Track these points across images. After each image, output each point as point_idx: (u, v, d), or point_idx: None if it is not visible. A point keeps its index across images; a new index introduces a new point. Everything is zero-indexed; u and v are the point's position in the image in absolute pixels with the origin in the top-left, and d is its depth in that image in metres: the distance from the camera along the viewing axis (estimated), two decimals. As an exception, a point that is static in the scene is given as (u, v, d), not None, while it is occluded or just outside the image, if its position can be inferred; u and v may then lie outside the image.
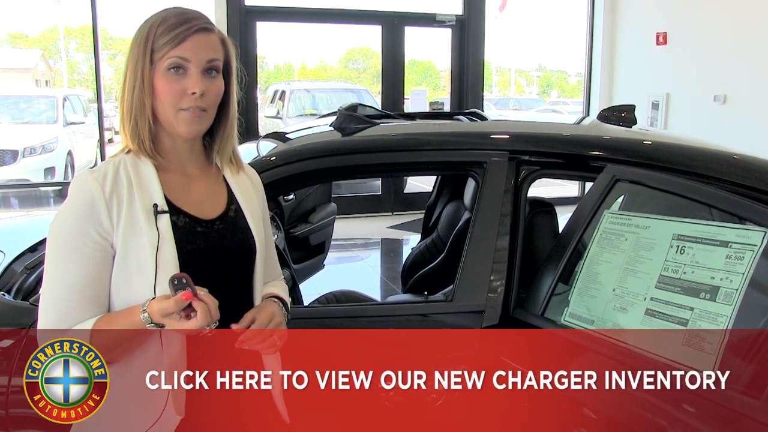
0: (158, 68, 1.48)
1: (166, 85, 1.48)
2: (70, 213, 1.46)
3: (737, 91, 7.37)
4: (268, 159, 2.38)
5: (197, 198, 1.58)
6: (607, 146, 2.42)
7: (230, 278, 1.57)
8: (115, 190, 1.48)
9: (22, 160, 9.84)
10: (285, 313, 1.64)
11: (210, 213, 1.58)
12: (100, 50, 8.05)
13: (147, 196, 1.50)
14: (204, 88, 1.48)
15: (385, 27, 8.97)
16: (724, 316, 1.70)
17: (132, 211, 1.47)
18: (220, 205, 1.61)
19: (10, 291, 2.49)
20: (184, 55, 1.47)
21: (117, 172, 1.50)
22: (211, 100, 1.52)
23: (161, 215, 1.49)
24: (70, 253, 1.45)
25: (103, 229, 1.46)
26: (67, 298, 1.45)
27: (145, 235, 1.46)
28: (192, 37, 1.48)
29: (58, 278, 1.46)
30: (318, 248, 4.53)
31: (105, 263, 1.47)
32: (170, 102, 1.48)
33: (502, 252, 2.20)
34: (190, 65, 1.48)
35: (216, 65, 1.52)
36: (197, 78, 1.48)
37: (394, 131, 2.57)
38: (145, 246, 1.46)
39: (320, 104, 11.72)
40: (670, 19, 8.24)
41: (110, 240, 1.46)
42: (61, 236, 1.46)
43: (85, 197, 1.46)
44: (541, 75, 28.83)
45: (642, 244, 1.95)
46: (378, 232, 8.33)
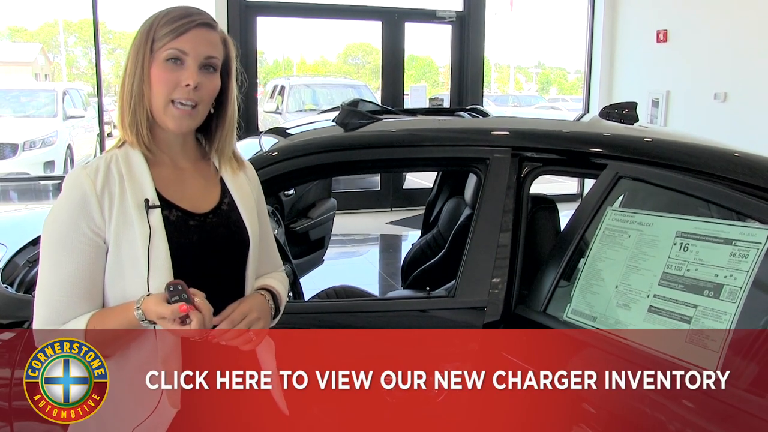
0: (157, 58, 1.49)
1: (161, 74, 1.48)
2: (63, 209, 1.47)
3: (737, 89, 7.37)
4: (269, 154, 2.38)
5: (190, 192, 1.58)
6: (610, 143, 2.42)
7: (223, 272, 1.58)
8: (107, 185, 1.48)
9: (21, 153, 9.84)
10: (272, 305, 1.63)
11: (203, 207, 1.58)
12: (100, 44, 8.04)
13: (138, 191, 1.50)
14: (198, 81, 1.49)
15: (385, 23, 8.96)
16: (728, 314, 1.70)
17: (124, 206, 1.48)
18: (213, 198, 1.61)
19: (12, 284, 2.49)
20: (182, 47, 1.48)
21: (109, 167, 1.50)
22: (204, 96, 1.52)
23: (153, 210, 1.49)
24: (63, 248, 1.45)
25: (95, 225, 1.46)
26: (60, 294, 1.45)
27: (137, 229, 1.47)
28: (192, 31, 1.49)
29: (52, 274, 1.46)
30: (318, 243, 4.53)
31: (98, 258, 1.47)
32: (163, 91, 1.49)
33: (504, 248, 2.20)
34: (188, 58, 1.49)
35: (214, 63, 1.52)
36: (193, 70, 1.49)
37: (396, 127, 2.56)
38: (137, 241, 1.46)
39: (320, 99, 11.72)
40: (671, 16, 8.23)
41: (102, 235, 1.47)
42: (54, 232, 1.47)
43: (77, 193, 1.46)
44: (540, 72, 28.83)
45: (645, 241, 1.96)
46: (377, 227, 8.33)
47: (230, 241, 1.58)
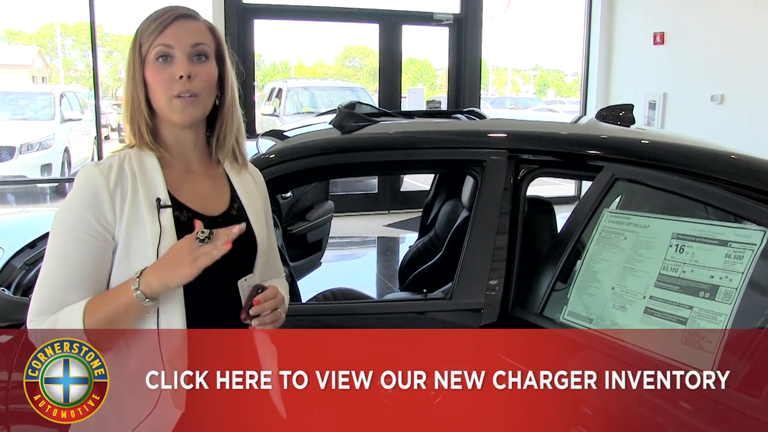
0: (148, 60, 1.51)
1: (155, 74, 1.50)
2: (74, 203, 1.48)
3: (734, 91, 7.38)
4: (266, 156, 2.38)
5: (200, 195, 1.59)
6: (606, 145, 2.42)
7: (230, 276, 1.57)
8: (120, 182, 1.49)
9: (19, 156, 9.82)
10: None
11: (213, 210, 1.59)
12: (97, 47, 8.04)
13: (151, 190, 1.51)
14: (190, 70, 1.50)
15: (382, 25, 8.97)
16: (723, 315, 1.71)
17: (135, 204, 1.48)
18: (223, 203, 1.62)
19: (9, 287, 2.49)
20: (167, 42, 1.50)
21: (122, 165, 1.52)
22: (201, 85, 1.52)
23: (164, 209, 1.50)
24: (70, 240, 1.46)
25: (106, 220, 1.47)
26: (62, 285, 1.45)
27: (147, 228, 1.47)
28: (173, 24, 1.51)
29: (57, 265, 1.47)
30: (315, 246, 4.53)
31: (104, 254, 1.48)
32: (162, 90, 1.50)
33: (501, 250, 2.20)
34: (175, 51, 1.50)
35: (203, 50, 1.53)
36: (183, 62, 1.50)
37: (394, 129, 2.56)
38: (147, 239, 1.47)
39: (317, 102, 11.72)
40: (668, 18, 8.25)
41: (112, 231, 1.47)
42: (63, 225, 1.48)
43: (90, 188, 1.47)
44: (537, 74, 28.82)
45: (641, 243, 1.96)
46: (374, 230, 8.33)
47: (239, 247, 1.58)
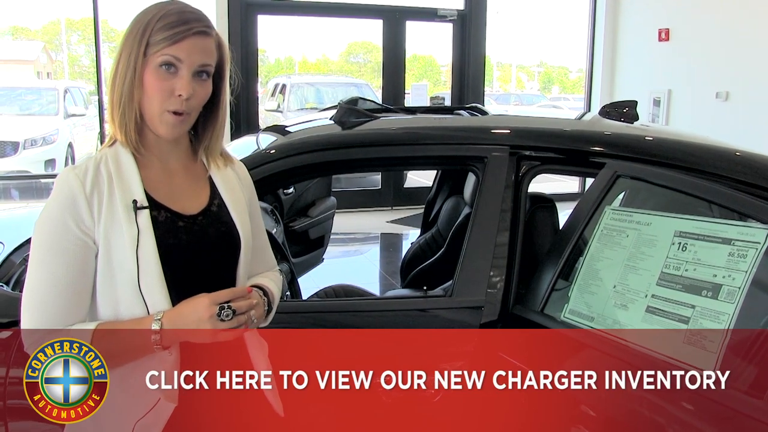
0: (150, 62, 1.48)
1: (156, 82, 1.48)
2: (52, 209, 1.47)
3: (739, 88, 7.35)
4: (267, 152, 2.37)
5: (179, 193, 1.58)
6: (609, 142, 2.40)
7: (213, 272, 1.57)
8: (96, 186, 1.48)
9: (23, 151, 9.86)
10: (265, 300, 1.62)
11: (192, 208, 1.58)
12: (101, 43, 8.03)
13: (127, 192, 1.50)
14: (192, 91, 1.49)
15: (386, 21, 8.95)
16: (726, 314, 1.69)
17: (112, 207, 1.47)
18: (203, 200, 1.61)
19: (8, 282, 2.49)
20: (178, 55, 1.47)
21: (98, 168, 1.50)
22: (195, 104, 1.52)
23: (141, 210, 1.49)
24: (52, 248, 1.45)
25: (85, 225, 1.46)
26: (49, 294, 1.45)
27: (125, 230, 1.47)
28: (189, 39, 1.48)
29: (42, 274, 1.46)
30: (317, 242, 4.53)
31: (87, 259, 1.47)
32: (158, 100, 1.48)
33: (502, 247, 2.19)
34: (182, 66, 1.48)
35: (207, 69, 1.52)
36: (187, 80, 1.48)
37: (395, 125, 2.55)
38: (125, 242, 1.46)
39: (321, 98, 11.72)
40: (673, 15, 8.22)
41: (92, 236, 1.46)
42: (43, 233, 1.47)
43: (66, 193, 1.46)
44: (542, 71, 28.81)
45: (643, 241, 1.94)
46: (377, 226, 8.32)
47: (220, 242, 1.58)
